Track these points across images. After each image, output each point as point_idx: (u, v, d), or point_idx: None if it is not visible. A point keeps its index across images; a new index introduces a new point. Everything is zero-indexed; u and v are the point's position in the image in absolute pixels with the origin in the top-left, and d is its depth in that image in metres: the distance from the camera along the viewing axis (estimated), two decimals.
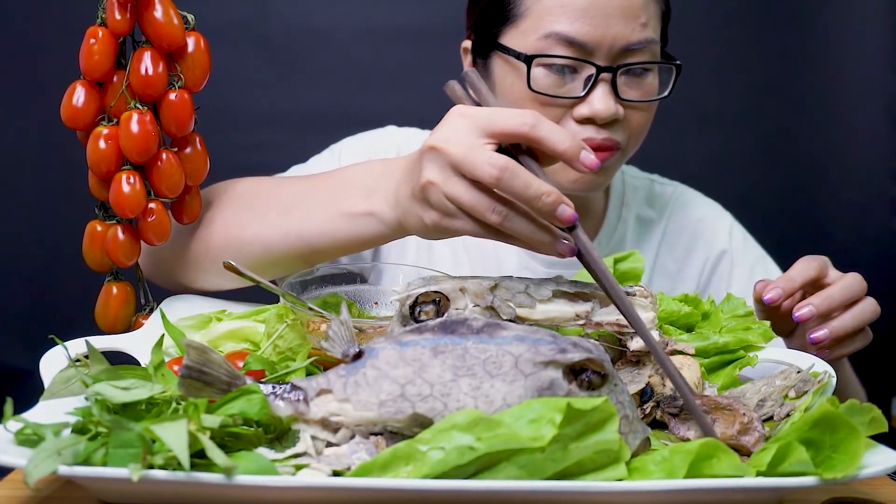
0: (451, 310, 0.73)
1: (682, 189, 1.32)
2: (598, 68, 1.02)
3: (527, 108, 0.92)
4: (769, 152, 1.89)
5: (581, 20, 1.01)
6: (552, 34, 1.02)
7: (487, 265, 1.22)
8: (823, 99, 1.88)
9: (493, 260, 1.22)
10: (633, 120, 1.06)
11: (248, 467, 0.58)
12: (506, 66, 1.06)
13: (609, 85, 1.03)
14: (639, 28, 1.02)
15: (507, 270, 1.22)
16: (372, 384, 0.63)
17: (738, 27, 1.85)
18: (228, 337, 0.86)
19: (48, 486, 0.67)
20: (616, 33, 1.01)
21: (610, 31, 1.01)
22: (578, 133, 1.03)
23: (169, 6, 0.83)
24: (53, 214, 1.70)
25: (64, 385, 0.70)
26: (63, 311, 1.46)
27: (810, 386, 0.75)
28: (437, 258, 1.22)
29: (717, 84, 1.83)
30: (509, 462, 0.58)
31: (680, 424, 0.74)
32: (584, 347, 0.64)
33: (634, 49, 1.03)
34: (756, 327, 0.86)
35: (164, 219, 0.87)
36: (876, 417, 0.62)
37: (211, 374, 0.63)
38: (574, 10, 1.01)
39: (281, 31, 1.77)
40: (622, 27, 1.01)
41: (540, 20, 1.03)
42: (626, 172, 1.29)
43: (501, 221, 0.71)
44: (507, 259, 1.22)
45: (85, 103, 0.84)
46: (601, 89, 1.02)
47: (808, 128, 1.89)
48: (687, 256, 1.26)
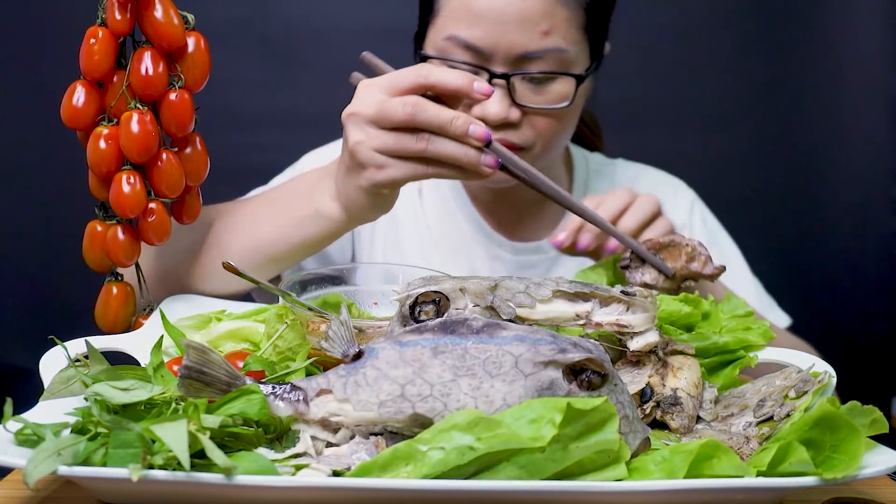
0: (451, 310, 0.73)
1: (645, 168, 1.34)
2: (491, 74, 1.03)
3: None
4: (769, 152, 1.89)
5: (477, 26, 1.02)
6: (452, 37, 1.04)
7: (458, 258, 1.23)
8: (823, 99, 1.88)
9: (462, 253, 1.24)
10: (538, 125, 1.07)
11: (248, 467, 0.58)
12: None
13: (504, 90, 1.03)
14: (538, 36, 1.02)
15: (476, 261, 1.22)
16: (372, 384, 0.63)
17: (738, 27, 1.85)
18: (228, 337, 0.86)
19: (48, 487, 0.67)
20: (511, 41, 1.02)
21: (504, 39, 1.01)
22: None
23: (169, 6, 0.83)
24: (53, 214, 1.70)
25: (64, 385, 0.70)
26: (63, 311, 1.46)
27: (810, 386, 0.75)
28: (408, 257, 1.24)
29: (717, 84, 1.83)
30: (509, 462, 0.58)
31: (634, 272, 0.75)
32: (584, 347, 0.64)
33: (533, 57, 1.03)
34: (756, 327, 0.86)
35: (164, 219, 0.87)
36: (877, 419, 0.62)
37: (210, 375, 0.63)
38: (472, 16, 1.02)
39: (281, 31, 1.77)
40: (518, 35, 1.02)
41: (446, 21, 1.05)
42: (589, 160, 1.30)
43: (426, 146, 0.79)
44: (476, 253, 1.23)
45: (85, 103, 0.84)
46: (496, 93, 1.02)
47: (808, 128, 1.89)
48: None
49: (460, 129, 0.79)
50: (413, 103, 0.79)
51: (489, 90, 0.80)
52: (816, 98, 1.88)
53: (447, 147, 0.79)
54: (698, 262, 0.74)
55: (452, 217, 1.25)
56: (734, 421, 0.76)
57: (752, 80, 1.86)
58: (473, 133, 0.79)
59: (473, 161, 0.79)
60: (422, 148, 0.79)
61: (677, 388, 0.75)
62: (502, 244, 1.23)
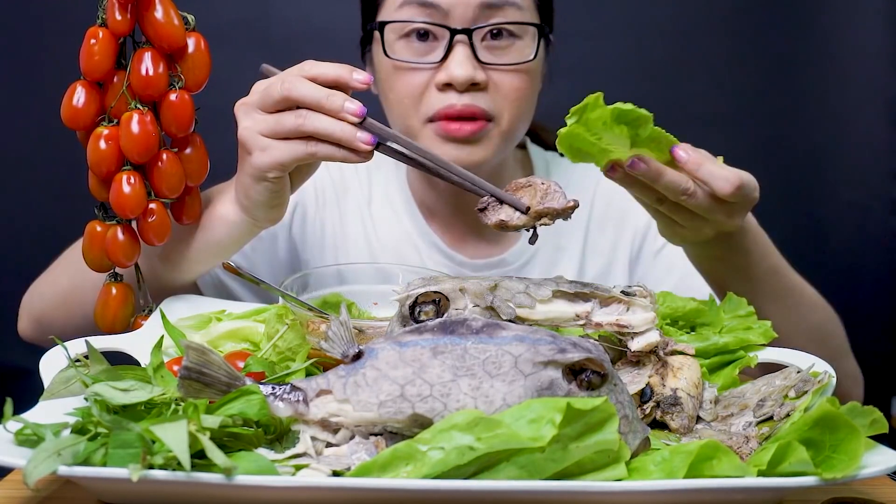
0: (450, 310, 0.73)
1: None
2: (452, 31, 1.02)
3: (391, 81, 1.03)
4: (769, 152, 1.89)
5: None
6: (406, 1, 1.03)
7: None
8: (823, 99, 1.88)
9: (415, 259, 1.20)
10: (503, 86, 1.06)
11: (248, 467, 0.58)
12: (376, 46, 1.09)
13: (468, 48, 1.03)
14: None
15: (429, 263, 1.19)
16: (371, 385, 0.63)
17: (738, 27, 1.85)
18: (228, 337, 0.86)
19: (48, 487, 0.67)
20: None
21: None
22: (439, 101, 1.04)
23: (169, 7, 0.83)
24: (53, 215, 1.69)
25: (64, 385, 0.70)
26: None
27: (810, 386, 0.75)
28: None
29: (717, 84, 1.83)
30: (509, 462, 0.58)
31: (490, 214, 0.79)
32: (584, 347, 0.64)
33: (493, 8, 1.03)
34: (756, 327, 0.86)
35: (164, 219, 0.87)
36: (877, 419, 0.62)
37: (210, 375, 0.63)
38: None
39: (281, 31, 1.76)
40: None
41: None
42: (550, 161, 1.28)
43: (303, 122, 0.80)
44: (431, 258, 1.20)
45: (85, 104, 0.84)
46: (459, 53, 1.02)
47: (808, 128, 1.89)
48: (618, 233, 1.23)
49: (336, 104, 0.80)
50: (290, 81, 0.81)
51: (369, 79, 0.82)
52: (816, 98, 1.87)
53: (322, 122, 0.80)
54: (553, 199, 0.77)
55: (408, 237, 1.21)
56: (734, 421, 0.76)
57: (752, 80, 1.85)
58: (348, 109, 0.80)
59: (349, 136, 0.80)
60: (299, 124, 0.80)
61: (677, 388, 0.75)
62: (462, 263, 1.19)
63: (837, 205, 1.89)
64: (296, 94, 0.80)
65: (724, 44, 1.84)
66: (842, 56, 1.87)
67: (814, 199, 1.90)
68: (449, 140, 1.05)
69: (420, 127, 1.06)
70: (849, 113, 1.88)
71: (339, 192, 1.22)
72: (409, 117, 1.07)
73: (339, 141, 0.80)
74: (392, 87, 1.07)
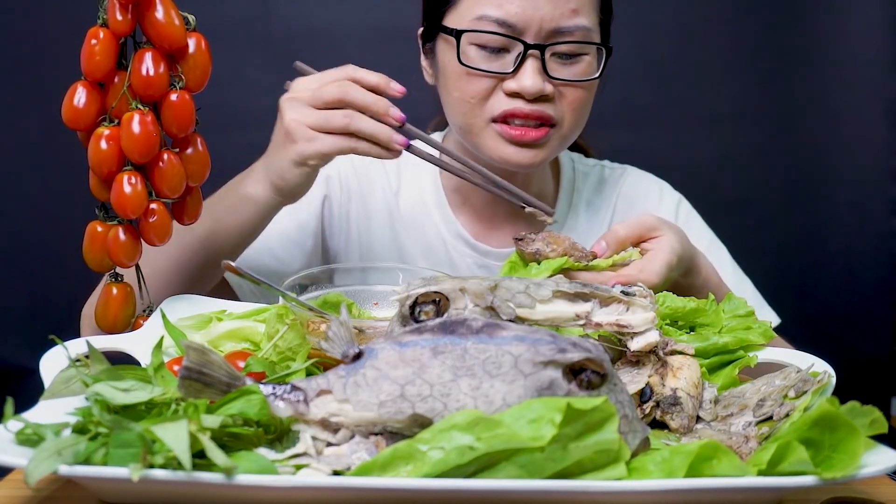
0: (450, 310, 0.73)
1: (631, 170, 1.35)
2: (526, 45, 1.07)
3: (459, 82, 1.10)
4: (769, 153, 1.89)
5: (510, 3, 1.07)
6: (483, 17, 1.08)
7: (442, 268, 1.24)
8: (823, 99, 1.88)
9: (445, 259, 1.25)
10: (567, 95, 1.11)
11: (248, 467, 0.58)
12: (445, 46, 1.13)
13: (538, 62, 1.08)
14: (568, 13, 1.08)
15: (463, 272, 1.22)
16: (372, 385, 0.63)
17: (738, 27, 1.85)
18: (228, 337, 0.87)
19: (48, 486, 0.67)
20: (544, 15, 1.07)
21: (538, 13, 1.06)
22: (506, 104, 1.09)
23: (170, 7, 0.83)
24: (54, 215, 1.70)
25: (64, 385, 0.70)
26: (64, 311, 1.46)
27: (810, 385, 0.75)
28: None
29: (717, 84, 1.84)
30: (509, 462, 0.58)
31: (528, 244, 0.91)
32: (584, 347, 0.64)
33: (564, 32, 1.08)
34: (756, 327, 0.86)
35: (165, 219, 0.87)
36: (877, 419, 0.62)
37: (210, 375, 0.63)
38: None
39: (281, 31, 1.77)
40: (550, 10, 1.07)
41: (474, 4, 1.09)
42: (576, 161, 1.33)
43: (350, 122, 0.93)
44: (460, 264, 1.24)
45: (86, 104, 0.84)
46: (530, 66, 1.08)
47: (807, 128, 1.89)
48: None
49: (382, 109, 0.94)
50: (346, 85, 0.94)
51: (403, 90, 0.95)
52: (816, 98, 1.88)
53: (367, 123, 0.93)
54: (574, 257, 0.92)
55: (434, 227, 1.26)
56: (734, 421, 0.76)
57: (752, 80, 1.86)
58: (393, 115, 0.94)
59: (387, 137, 0.93)
60: (346, 123, 0.93)
61: (677, 388, 0.76)
62: (487, 253, 1.25)
63: (837, 205, 1.89)
64: (349, 98, 0.93)
65: (725, 44, 1.84)
66: (842, 56, 1.87)
67: (813, 199, 1.90)
68: (512, 143, 1.11)
69: (483, 125, 1.12)
70: (848, 113, 1.88)
71: (363, 184, 1.29)
72: (472, 116, 1.12)
73: (377, 141, 0.93)
74: (458, 87, 1.12)
